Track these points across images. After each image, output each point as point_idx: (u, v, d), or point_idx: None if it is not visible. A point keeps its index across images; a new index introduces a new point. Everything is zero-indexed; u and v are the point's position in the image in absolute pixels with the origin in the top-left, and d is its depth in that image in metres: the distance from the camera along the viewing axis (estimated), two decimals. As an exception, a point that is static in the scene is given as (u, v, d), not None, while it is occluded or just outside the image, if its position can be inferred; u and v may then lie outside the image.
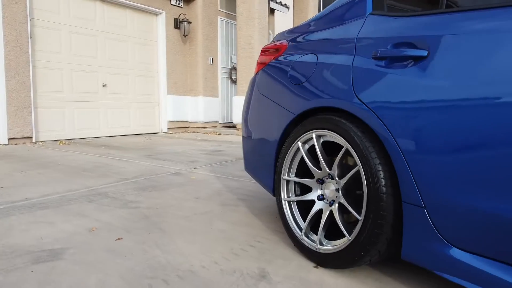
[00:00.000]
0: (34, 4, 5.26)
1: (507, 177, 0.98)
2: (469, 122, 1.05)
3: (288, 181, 1.69)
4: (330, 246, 1.45)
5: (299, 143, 1.60)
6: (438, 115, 1.12)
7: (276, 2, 10.21)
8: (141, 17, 6.73)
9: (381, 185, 1.27)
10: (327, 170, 1.50)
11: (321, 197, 1.54)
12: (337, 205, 1.45)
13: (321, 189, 1.55)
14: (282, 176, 1.69)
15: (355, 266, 1.39)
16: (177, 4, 7.08)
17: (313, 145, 1.55)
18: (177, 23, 7.10)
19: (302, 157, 1.62)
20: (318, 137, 1.53)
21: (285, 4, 10.77)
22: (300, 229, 1.60)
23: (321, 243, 1.48)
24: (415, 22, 1.28)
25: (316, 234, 1.51)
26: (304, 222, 1.59)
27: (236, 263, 1.52)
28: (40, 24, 5.37)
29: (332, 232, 1.51)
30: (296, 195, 1.68)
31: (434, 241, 1.16)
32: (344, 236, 1.40)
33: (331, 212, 1.48)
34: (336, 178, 1.46)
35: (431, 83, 1.15)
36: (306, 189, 1.64)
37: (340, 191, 1.44)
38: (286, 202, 1.68)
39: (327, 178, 1.52)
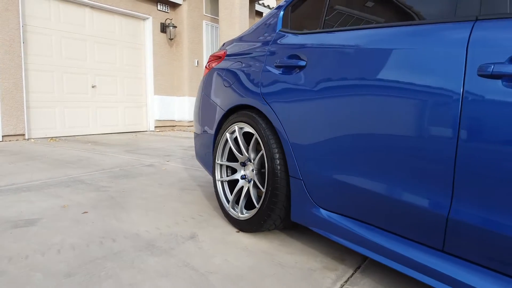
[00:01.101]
0: (26, 11, 5.65)
1: (346, 156, 1.37)
2: (322, 118, 1.44)
3: (221, 165, 2.08)
4: (247, 214, 1.84)
5: (227, 134, 1.98)
6: (305, 110, 1.51)
7: (264, 6, 10.60)
8: (129, 22, 7.11)
9: (276, 164, 1.65)
10: (246, 154, 1.88)
11: (243, 177, 1.93)
12: (252, 182, 1.84)
13: (244, 170, 1.94)
14: (216, 161, 2.08)
15: (264, 229, 1.78)
16: (164, 10, 7.47)
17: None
18: (164, 28, 7.49)
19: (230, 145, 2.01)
20: (240, 128, 1.92)
21: (273, 8, 11.17)
22: (228, 203, 1.99)
23: (241, 212, 1.87)
24: (303, 38, 1.67)
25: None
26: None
27: (174, 229, 1.91)
28: (32, 30, 5.75)
29: (251, 205, 1.90)
30: (227, 176, 2.06)
31: (308, 205, 1.55)
32: (256, 206, 1.78)
33: (249, 188, 1.86)
34: (252, 160, 1.85)
35: (304, 86, 1.54)
36: (236, 171, 2.02)
37: (254, 171, 1.83)
38: (219, 182, 2.06)
39: (248, 162, 1.91)
